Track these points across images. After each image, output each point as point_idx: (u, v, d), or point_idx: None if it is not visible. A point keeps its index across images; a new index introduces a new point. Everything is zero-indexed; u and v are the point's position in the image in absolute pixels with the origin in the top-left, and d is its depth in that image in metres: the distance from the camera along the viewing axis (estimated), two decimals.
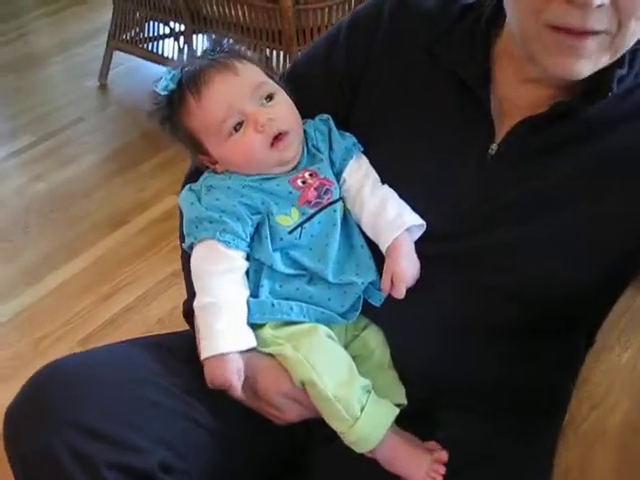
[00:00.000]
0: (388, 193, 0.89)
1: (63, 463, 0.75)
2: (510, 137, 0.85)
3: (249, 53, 0.95)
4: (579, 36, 0.70)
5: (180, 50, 2.57)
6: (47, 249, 2.21)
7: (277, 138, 0.88)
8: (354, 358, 0.88)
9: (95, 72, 2.95)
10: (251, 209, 0.87)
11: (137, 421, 0.80)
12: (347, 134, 0.94)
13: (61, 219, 2.33)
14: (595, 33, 0.70)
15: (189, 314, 0.91)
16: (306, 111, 0.95)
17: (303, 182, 0.89)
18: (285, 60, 2.31)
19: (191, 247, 0.89)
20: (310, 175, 0.90)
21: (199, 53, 0.94)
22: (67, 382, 0.81)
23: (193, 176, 0.97)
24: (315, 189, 0.88)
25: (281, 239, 0.87)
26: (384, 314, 0.89)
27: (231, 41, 0.94)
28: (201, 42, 2.53)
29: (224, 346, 0.83)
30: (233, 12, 2.31)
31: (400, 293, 0.83)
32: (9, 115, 2.94)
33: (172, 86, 0.89)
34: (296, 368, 0.83)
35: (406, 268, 0.83)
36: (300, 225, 0.87)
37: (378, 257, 0.88)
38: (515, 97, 0.86)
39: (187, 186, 0.92)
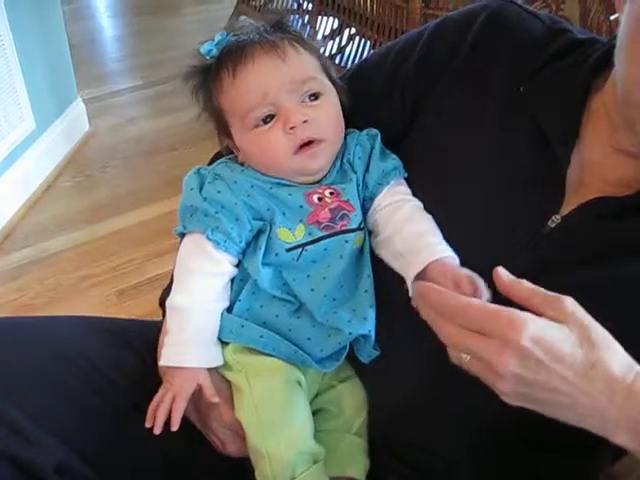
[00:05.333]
0: (429, 222, 0.75)
1: None
2: (579, 213, 0.69)
3: (313, 41, 0.82)
4: None
5: (302, 28, 2.49)
6: (117, 193, 2.20)
7: (306, 144, 0.76)
8: (320, 411, 0.76)
9: (218, 31, 2.94)
10: (254, 212, 0.76)
11: (48, 410, 0.71)
12: (392, 155, 0.81)
13: (140, 167, 2.32)
14: None
15: (164, 303, 0.81)
16: (360, 117, 0.83)
17: (319, 199, 0.76)
18: None
19: (182, 235, 0.79)
20: (331, 193, 0.77)
21: (258, 24, 0.81)
22: None
23: (217, 158, 0.87)
24: (330, 210, 0.76)
25: (277, 255, 0.75)
26: (371, 371, 0.76)
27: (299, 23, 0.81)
28: (324, 25, 2.45)
29: (190, 360, 0.73)
30: (362, 2, 2.28)
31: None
32: (127, 54, 2.98)
33: (215, 52, 0.79)
34: (242, 404, 0.72)
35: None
36: (302, 246, 0.75)
37: (380, 308, 0.74)
38: (600, 167, 0.70)
39: (196, 167, 0.82)
